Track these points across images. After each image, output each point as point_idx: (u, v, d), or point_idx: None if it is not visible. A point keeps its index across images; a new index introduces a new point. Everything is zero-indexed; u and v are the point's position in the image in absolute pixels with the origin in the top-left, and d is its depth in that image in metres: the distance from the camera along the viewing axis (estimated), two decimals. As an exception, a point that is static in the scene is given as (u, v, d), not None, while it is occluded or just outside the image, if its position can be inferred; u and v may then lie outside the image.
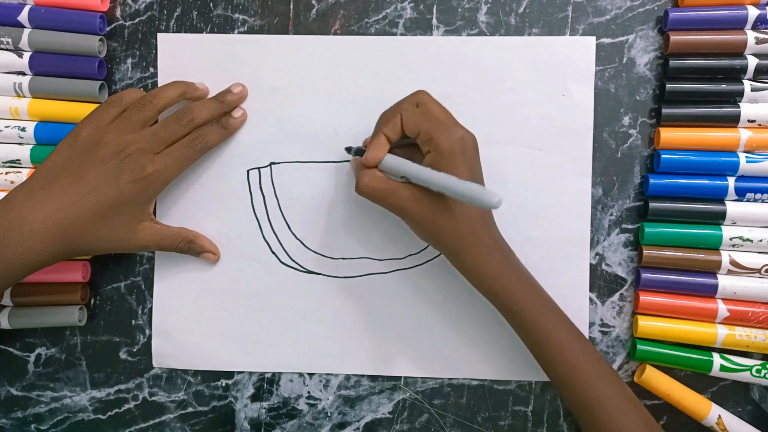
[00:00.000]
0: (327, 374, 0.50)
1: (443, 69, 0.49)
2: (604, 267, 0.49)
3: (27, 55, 0.49)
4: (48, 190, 0.42)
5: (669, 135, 0.47)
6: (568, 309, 0.45)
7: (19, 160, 0.49)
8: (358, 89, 0.49)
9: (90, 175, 0.43)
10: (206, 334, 0.50)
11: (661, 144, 0.47)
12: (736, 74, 0.47)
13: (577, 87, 0.48)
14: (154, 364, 0.51)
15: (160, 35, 0.50)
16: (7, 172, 0.49)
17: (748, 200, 0.47)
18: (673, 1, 0.48)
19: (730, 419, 0.46)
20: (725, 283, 0.46)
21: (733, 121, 0.47)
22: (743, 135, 0.46)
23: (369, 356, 0.50)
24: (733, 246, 0.47)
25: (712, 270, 0.47)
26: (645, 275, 0.47)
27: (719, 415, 0.46)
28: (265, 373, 0.50)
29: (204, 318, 0.50)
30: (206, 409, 0.51)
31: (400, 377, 0.50)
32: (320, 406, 0.50)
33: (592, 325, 0.49)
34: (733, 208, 0.46)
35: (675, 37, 0.46)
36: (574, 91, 0.48)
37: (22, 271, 0.42)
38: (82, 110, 0.48)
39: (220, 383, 0.51)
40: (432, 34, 0.49)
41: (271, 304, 0.50)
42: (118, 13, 0.50)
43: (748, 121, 0.46)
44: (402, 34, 0.49)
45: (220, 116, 0.48)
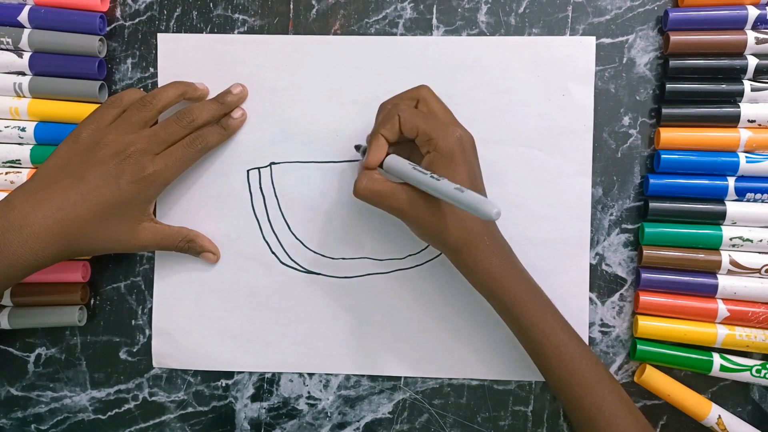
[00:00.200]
0: (327, 374, 0.50)
1: (443, 69, 0.49)
2: (604, 267, 0.49)
3: (27, 55, 0.49)
4: (48, 191, 0.42)
5: (669, 135, 0.47)
6: (568, 309, 0.45)
7: (19, 160, 0.49)
8: (358, 89, 0.49)
9: (90, 176, 0.43)
10: (206, 334, 0.50)
11: (661, 144, 0.47)
12: (736, 74, 0.47)
13: (577, 87, 0.48)
14: (154, 364, 0.51)
15: (160, 35, 0.50)
16: (7, 172, 0.49)
17: (748, 200, 0.47)
18: (673, 1, 0.48)
19: (730, 419, 0.46)
20: (725, 283, 0.46)
21: (733, 121, 0.47)
22: (743, 135, 0.46)
23: (369, 356, 0.50)
24: (733, 246, 0.47)
25: (712, 270, 0.47)
26: (645, 275, 0.47)
27: (719, 415, 0.46)
28: (265, 373, 0.50)
29: (204, 318, 0.50)
30: (206, 409, 0.51)
31: (400, 377, 0.50)
32: (320, 406, 0.50)
33: (592, 325, 0.49)
34: (733, 208, 0.46)
35: (675, 37, 0.46)
36: (574, 91, 0.48)
37: (22, 272, 0.42)
38: (82, 110, 0.48)
39: (220, 383, 0.51)
40: (432, 34, 0.49)
41: (271, 304, 0.50)
42: (118, 13, 0.50)
43: (748, 121, 0.46)
44: (402, 34, 0.49)
45: (220, 117, 0.48)
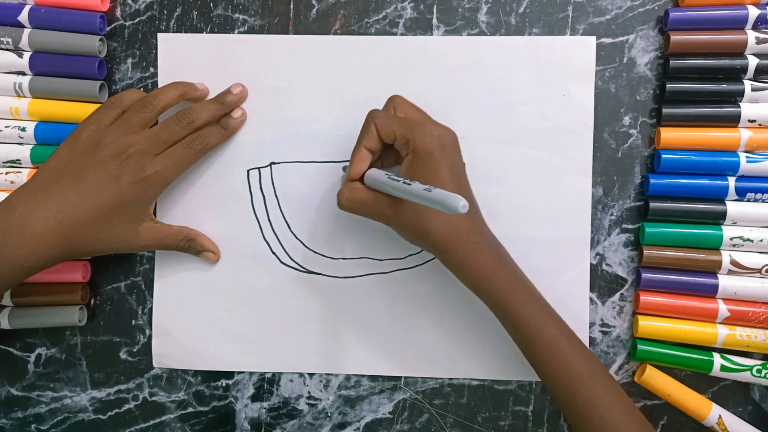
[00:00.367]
0: (327, 374, 0.50)
1: (443, 69, 0.49)
2: (605, 267, 0.49)
3: (27, 55, 0.49)
4: (49, 192, 0.42)
5: (669, 135, 0.47)
6: (568, 309, 0.45)
7: (20, 160, 0.49)
8: (358, 89, 0.49)
9: (90, 177, 0.43)
10: (206, 334, 0.50)
11: (661, 144, 0.47)
12: (737, 74, 0.47)
13: (578, 87, 0.48)
14: (154, 364, 0.51)
15: (160, 35, 0.50)
16: (7, 172, 0.49)
17: (749, 200, 0.47)
18: (674, 1, 0.48)
19: (730, 419, 0.46)
20: (726, 283, 0.46)
21: (734, 121, 0.47)
22: (744, 135, 0.46)
23: (369, 356, 0.50)
24: (734, 246, 0.47)
25: (713, 270, 0.47)
26: (645, 275, 0.47)
27: (720, 415, 0.46)
28: (266, 373, 0.50)
29: (204, 318, 0.50)
30: (206, 409, 0.51)
31: (401, 377, 0.50)
32: (320, 406, 0.50)
33: (592, 325, 0.49)
34: (733, 208, 0.46)
35: (675, 37, 0.46)
36: (575, 91, 0.48)
37: (23, 273, 0.42)
38: (82, 110, 0.48)
39: (220, 383, 0.51)
40: (432, 34, 0.49)
41: (271, 304, 0.50)
42: (118, 13, 0.50)
43: (749, 121, 0.46)
44: (402, 34, 0.49)
45: (220, 117, 0.48)
